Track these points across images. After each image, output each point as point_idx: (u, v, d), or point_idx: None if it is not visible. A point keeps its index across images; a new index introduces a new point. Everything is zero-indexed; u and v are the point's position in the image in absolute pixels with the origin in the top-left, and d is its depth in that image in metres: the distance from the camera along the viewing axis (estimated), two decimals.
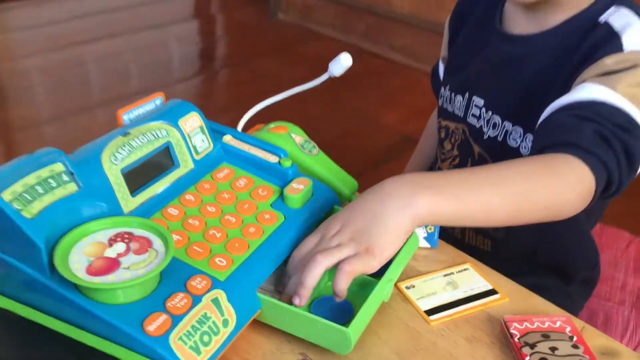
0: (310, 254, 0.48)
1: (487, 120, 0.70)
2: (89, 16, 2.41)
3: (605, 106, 0.55)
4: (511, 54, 0.68)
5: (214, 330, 0.44)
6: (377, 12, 2.16)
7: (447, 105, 0.76)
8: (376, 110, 1.82)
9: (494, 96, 0.69)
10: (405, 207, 0.47)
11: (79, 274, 0.42)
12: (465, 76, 0.74)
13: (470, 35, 0.75)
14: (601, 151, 0.53)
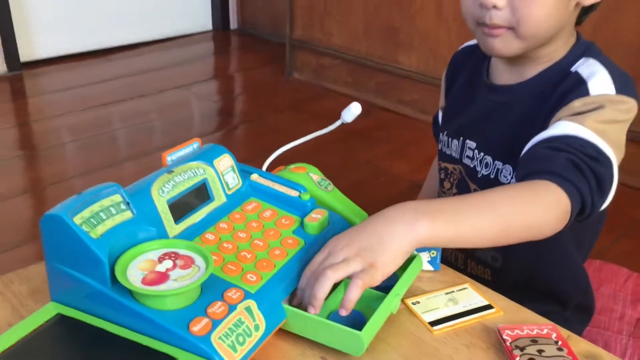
0: (320, 269, 0.55)
1: (479, 161, 0.79)
2: (117, 79, 2.57)
3: (576, 139, 0.63)
4: (496, 102, 0.78)
5: (247, 332, 0.52)
6: (387, 69, 2.29)
7: (445, 149, 0.85)
8: (387, 161, 1.92)
9: (484, 139, 0.78)
10: (408, 231, 0.55)
11: (136, 284, 0.51)
12: (459, 123, 0.82)
13: (463, 87, 0.85)
14: (574, 177, 0.61)
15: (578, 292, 0.83)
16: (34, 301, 0.62)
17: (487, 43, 0.72)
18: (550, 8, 0.67)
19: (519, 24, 0.68)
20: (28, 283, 0.65)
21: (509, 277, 0.80)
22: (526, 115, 0.74)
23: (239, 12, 3.23)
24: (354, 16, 2.35)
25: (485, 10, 0.69)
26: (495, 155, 0.77)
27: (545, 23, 0.68)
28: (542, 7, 0.67)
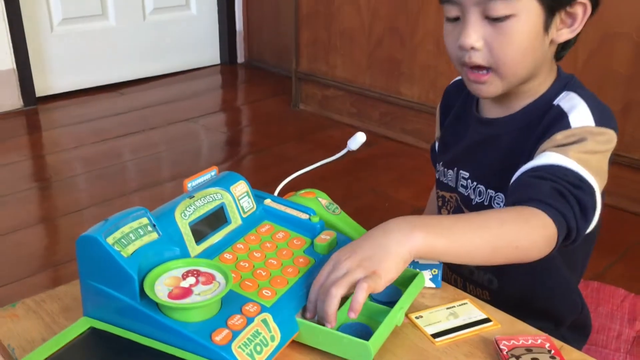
0: (326, 287, 0.59)
1: (473, 189, 0.83)
2: (128, 112, 2.65)
3: (560, 168, 0.68)
4: (486, 135, 0.83)
5: (264, 342, 0.56)
6: (389, 100, 2.36)
7: (442, 177, 0.90)
8: (391, 188, 1.98)
9: (476, 169, 0.83)
10: (405, 240, 0.60)
11: (163, 298, 0.56)
12: (453, 153, 0.88)
13: (455, 120, 0.90)
14: (558, 204, 0.65)
15: (573, 312, 0.87)
16: (65, 318, 0.67)
17: (472, 87, 0.77)
18: (525, 48, 0.72)
19: (497, 65, 0.73)
20: (59, 302, 0.70)
21: (506, 297, 0.84)
22: (513, 146, 0.78)
23: (246, 46, 3.33)
24: (357, 50, 2.43)
25: (465, 52, 0.73)
26: (487, 184, 0.81)
27: (521, 62, 0.73)
28: (517, 47, 0.71)
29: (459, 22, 0.74)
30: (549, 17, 0.72)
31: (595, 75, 1.77)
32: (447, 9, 0.74)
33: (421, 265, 0.72)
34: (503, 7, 0.69)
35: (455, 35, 0.74)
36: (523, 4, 0.70)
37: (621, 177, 1.77)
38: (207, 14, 3.19)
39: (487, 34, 0.71)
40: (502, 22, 0.70)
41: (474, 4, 0.71)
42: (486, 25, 0.71)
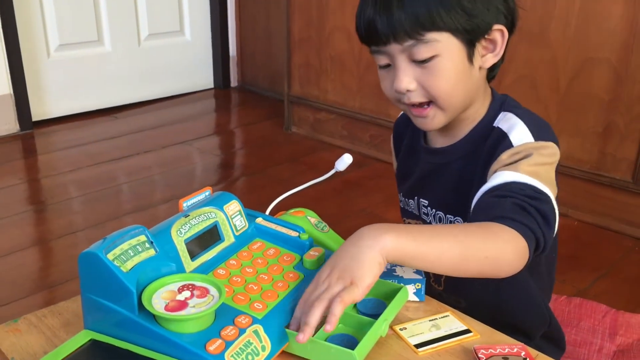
0: (308, 303, 0.62)
1: (433, 216, 0.88)
2: (123, 136, 2.69)
3: (515, 184, 0.72)
4: (436, 163, 0.87)
5: (255, 352, 0.60)
6: (379, 123, 2.42)
7: (406, 206, 0.94)
8: (381, 208, 2.02)
9: (433, 196, 0.88)
10: (375, 243, 0.63)
11: (160, 310, 0.59)
12: (410, 184, 0.92)
13: (406, 151, 0.94)
14: (522, 217, 0.69)
15: (541, 324, 0.90)
16: (66, 332, 0.70)
17: (418, 122, 0.82)
18: (455, 80, 0.77)
19: (436, 99, 0.78)
20: (60, 317, 0.73)
21: (477, 308, 0.87)
22: (463, 172, 0.83)
23: (239, 71, 3.40)
24: (347, 74, 2.49)
25: (402, 94, 0.78)
26: (445, 209, 0.86)
27: (454, 92, 0.78)
28: (447, 81, 0.76)
29: (391, 68, 0.79)
30: (470, 49, 0.77)
31: (577, 99, 1.83)
32: (377, 59, 0.80)
33: (405, 280, 0.76)
34: (425, 50, 0.74)
35: (390, 80, 0.79)
36: (443, 44, 0.75)
37: (603, 197, 1.82)
38: (201, 40, 3.26)
39: (418, 75, 0.77)
40: (428, 63, 0.75)
41: (400, 51, 0.76)
42: (415, 67, 0.76)
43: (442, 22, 0.74)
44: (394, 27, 0.74)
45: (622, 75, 1.74)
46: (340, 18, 2.44)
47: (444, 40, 0.75)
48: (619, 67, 1.74)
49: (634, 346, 1.04)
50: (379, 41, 0.77)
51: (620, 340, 1.07)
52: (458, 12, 0.74)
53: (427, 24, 0.74)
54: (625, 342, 1.05)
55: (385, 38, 0.76)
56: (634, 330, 1.07)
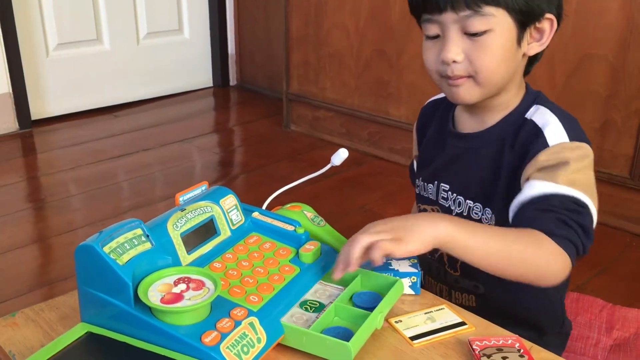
0: (354, 236, 0.67)
1: (453, 200, 0.88)
2: (123, 134, 2.70)
3: (555, 197, 0.74)
4: (463, 148, 0.88)
5: (250, 344, 0.60)
6: (378, 120, 2.42)
7: (422, 192, 0.94)
8: (379, 205, 2.02)
9: (455, 181, 0.88)
10: (433, 225, 0.68)
11: (156, 303, 0.60)
12: (433, 168, 0.92)
13: (433, 136, 0.95)
14: (565, 232, 0.72)
15: (555, 323, 0.92)
16: (63, 326, 0.70)
17: (452, 92, 0.82)
18: (501, 58, 0.78)
19: (476, 73, 0.78)
20: (57, 311, 0.73)
21: (491, 303, 0.88)
22: (491, 159, 0.84)
23: (238, 69, 3.40)
24: (346, 72, 2.49)
25: (446, 65, 0.79)
26: (466, 195, 0.87)
27: (497, 70, 0.79)
28: (494, 57, 0.78)
29: (439, 39, 0.80)
30: (520, 31, 0.78)
31: (574, 95, 1.83)
32: (427, 28, 0.80)
33: (401, 273, 0.76)
34: (480, 23, 0.76)
35: (435, 51, 0.80)
36: (498, 20, 0.76)
37: (601, 193, 1.82)
38: (200, 38, 3.26)
39: (467, 48, 0.78)
40: (479, 37, 0.77)
41: (453, 21, 0.77)
42: (465, 40, 0.77)
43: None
44: None
45: (619, 71, 1.75)
46: (338, 15, 2.44)
47: (499, 16, 0.76)
48: (616, 63, 1.75)
49: (630, 340, 1.04)
50: (435, 8, 0.77)
51: (617, 334, 1.07)
52: None
53: None
54: (621, 337, 1.06)
55: (443, 5, 0.76)
56: (631, 324, 1.07)
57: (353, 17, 2.39)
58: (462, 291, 0.91)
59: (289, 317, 0.67)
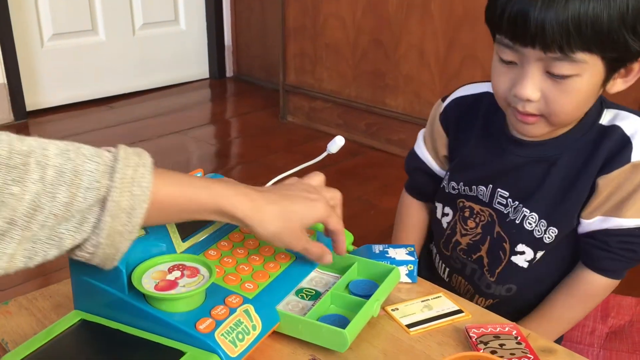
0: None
1: (513, 208, 0.83)
2: (118, 125, 2.68)
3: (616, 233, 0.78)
4: (529, 157, 0.81)
5: (245, 331, 0.60)
6: (375, 111, 2.41)
7: (467, 192, 0.88)
8: (376, 196, 2.02)
9: (517, 190, 0.82)
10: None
11: (150, 290, 0.59)
12: (487, 172, 0.85)
13: (480, 139, 0.87)
14: (619, 266, 0.81)
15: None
16: (57, 314, 0.70)
17: (518, 125, 0.77)
18: (582, 102, 0.73)
19: (550, 115, 0.72)
20: (50, 299, 0.73)
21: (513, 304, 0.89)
22: (566, 169, 0.79)
23: (234, 60, 3.38)
24: (343, 63, 2.48)
25: (518, 100, 0.73)
26: (529, 205, 0.82)
27: (576, 113, 0.74)
28: (575, 102, 0.71)
29: (514, 67, 0.72)
30: (609, 74, 0.71)
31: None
32: (503, 51, 0.72)
33: (397, 261, 0.76)
34: (568, 68, 0.68)
35: (508, 79, 0.74)
36: (588, 65, 0.68)
37: None
38: (196, 29, 3.24)
39: (546, 88, 0.71)
40: (563, 80, 0.69)
41: (537, 59, 0.69)
42: (546, 79, 0.70)
43: (613, 45, 0.66)
44: (551, 32, 0.65)
45: None
46: (334, 5, 2.43)
47: (591, 62, 0.68)
48: None
49: (625, 328, 1.04)
50: (521, 41, 0.69)
51: (612, 322, 1.07)
52: (636, 38, 0.67)
53: (590, 41, 0.66)
54: (617, 324, 1.06)
55: (532, 42, 0.68)
56: (625, 312, 1.08)
57: (350, 8, 2.37)
58: (488, 297, 0.90)
59: (284, 304, 0.67)
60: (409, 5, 2.17)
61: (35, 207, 0.49)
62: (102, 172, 0.52)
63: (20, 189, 0.48)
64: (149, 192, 0.53)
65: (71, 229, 0.52)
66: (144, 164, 0.54)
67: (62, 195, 0.50)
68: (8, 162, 0.48)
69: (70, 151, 0.52)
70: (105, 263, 0.56)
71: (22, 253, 0.50)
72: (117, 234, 0.53)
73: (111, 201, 0.52)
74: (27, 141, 0.51)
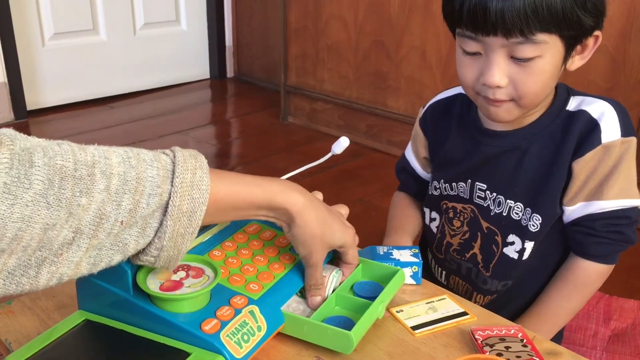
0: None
1: (492, 200, 0.85)
2: (119, 125, 2.68)
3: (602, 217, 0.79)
4: (502, 147, 0.84)
5: (251, 332, 0.59)
6: (376, 112, 2.41)
7: (449, 191, 0.90)
8: (378, 197, 2.02)
9: (495, 181, 0.85)
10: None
11: (155, 290, 0.59)
12: (464, 167, 0.88)
13: (456, 137, 0.90)
14: (609, 250, 0.81)
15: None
16: (60, 314, 0.69)
17: (489, 111, 0.79)
18: (547, 81, 0.75)
19: (520, 98, 0.75)
20: (53, 299, 0.72)
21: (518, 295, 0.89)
22: (537, 158, 0.81)
23: (235, 61, 3.38)
24: (344, 63, 2.48)
25: (487, 88, 0.75)
26: (506, 194, 0.83)
27: (542, 93, 0.76)
28: (540, 81, 0.74)
29: (479, 57, 0.75)
30: (568, 52, 0.75)
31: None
32: (466, 43, 0.75)
33: (402, 263, 0.76)
34: (531, 50, 0.71)
35: (475, 70, 0.76)
36: (549, 45, 0.72)
37: None
38: (197, 30, 3.24)
39: (512, 73, 0.73)
40: (527, 62, 0.72)
41: (501, 45, 0.72)
42: (511, 64, 0.73)
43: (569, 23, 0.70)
44: (511, 18, 0.69)
45: (620, 62, 1.74)
46: (336, 7, 2.43)
47: (551, 42, 0.72)
48: (617, 55, 1.74)
49: (628, 330, 1.04)
50: (482, 30, 0.71)
51: (614, 325, 1.07)
52: (587, 14, 0.71)
53: (548, 22, 0.70)
54: (619, 327, 1.06)
55: (493, 29, 0.70)
56: (628, 314, 1.08)
57: (351, 9, 2.37)
58: (486, 293, 0.90)
59: (289, 305, 0.66)
60: (410, 7, 2.17)
61: (101, 215, 0.50)
62: (162, 177, 0.53)
63: (87, 199, 0.49)
64: (208, 195, 0.55)
65: (134, 235, 0.53)
66: (200, 167, 0.56)
67: (127, 202, 0.51)
68: (74, 173, 0.49)
69: (131, 158, 0.53)
70: (169, 265, 0.57)
71: (87, 260, 0.51)
72: (179, 236, 0.54)
73: (172, 206, 0.53)
74: (89, 150, 0.51)
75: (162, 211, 0.54)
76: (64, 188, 0.48)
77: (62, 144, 0.51)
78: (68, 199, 0.48)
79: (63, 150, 0.50)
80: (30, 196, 0.46)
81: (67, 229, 0.49)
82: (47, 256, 0.49)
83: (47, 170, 0.47)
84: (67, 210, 0.48)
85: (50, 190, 0.47)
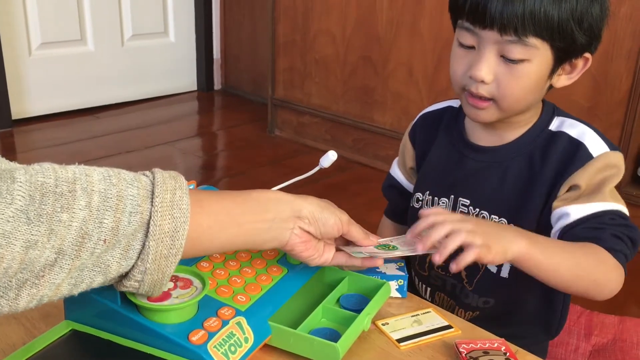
0: (449, 228, 0.66)
1: (476, 215, 0.85)
2: (105, 135, 2.67)
3: (607, 214, 0.77)
4: (485, 162, 0.85)
5: (238, 343, 0.60)
6: (363, 127, 2.43)
7: (427, 205, 0.90)
8: (364, 211, 2.02)
9: (478, 196, 0.85)
10: (516, 239, 0.68)
11: (143, 301, 0.59)
12: (448, 181, 0.89)
13: (442, 150, 0.91)
14: (621, 247, 0.75)
15: (560, 321, 0.92)
16: (45, 324, 0.69)
17: (470, 110, 0.81)
18: (529, 88, 0.77)
19: (501, 98, 0.77)
20: (39, 309, 0.72)
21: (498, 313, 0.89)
22: (518, 173, 0.83)
23: (222, 73, 3.39)
24: (331, 78, 2.50)
25: (472, 81, 0.77)
26: (490, 209, 0.84)
27: (523, 99, 0.78)
28: (523, 87, 0.76)
29: (473, 51, 0.77)
30: (556, 65, 0.77)
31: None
32: (463, 36, 0.77)
33: (388, 276, 0.76)
34: (521, 51, 0.74)
35: (466, 63, 0.78)
36: (539, 52, 0.74)
37: None
38: (185, 42, 3.25)
39: (499, 72, 0.76)
40: (515, 64, 0.75)
41: (494, 41, 0.74)
42: (500, 63, 0.75)
43: (561, 34, 0.73)
44: (508, 16, 0.72)
45: (602, 82, 1.78)
46: (325, 21, 2.45)
47: (541, 48, 0.74)
48: (598, 75, 1.78)
49: (608, 346, 1.06)
50: (480, 22, 0.74)
51: (595, 340, 1.09)
52: (582, 31, 0.74)
53: (543, 28, 0.72)
54: (600, 342, 1.07)
55: (490, 23, 0.73)
56: (609, 330, 1.09)
57: (340, 24, 2.40)
58: (467, 309, 0.90)
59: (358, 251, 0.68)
60: (398, 23, 2.20)
61: (83, 234, 0.50)
62: (143, 197, 0.53)
63: (68, 215, 0.49)
64: (189, 214, 0.55)
65: (117, 256, 0.53)
66: (180, 187, 0.56)
67: (108, 220, 0.51)
68: (55, 189, 0.49)
69: (112, 176, 0.53)
70: (154, 290, 0.57)
71: (68, 281, 0.51)
72: (162, 258, 0.54)
73: (154, 225, 0.53)
74: (70, 168, 0.52)
75: (144, 232, 0.53)
76: (44, 204, 0.48)
77: (43, 164, 0.52)
78: (49, 214, 0.48)
79: (44, 168, 0.51)
80: (11, 212, 0.46)
81: (50, 249, 0.49)
82: (29, 278, 0.49)
83: (28, 186, 0.48)
84: (47, 226, 0.48)
85: (31, 205, 0.47)
